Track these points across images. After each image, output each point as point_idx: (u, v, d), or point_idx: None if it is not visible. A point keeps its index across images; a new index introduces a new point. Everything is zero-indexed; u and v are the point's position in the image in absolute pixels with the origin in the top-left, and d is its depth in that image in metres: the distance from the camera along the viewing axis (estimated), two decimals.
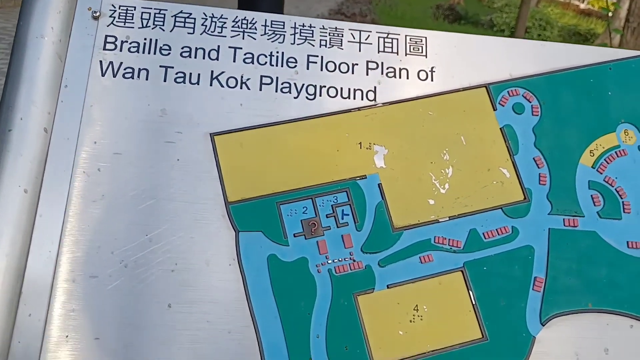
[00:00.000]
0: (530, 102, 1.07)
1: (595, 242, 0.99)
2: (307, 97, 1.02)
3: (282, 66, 1.03)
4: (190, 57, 1.00)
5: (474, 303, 0.93)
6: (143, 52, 1.00)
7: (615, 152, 1.05)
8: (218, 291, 0.89)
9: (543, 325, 0.94)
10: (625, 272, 0.98)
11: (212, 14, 1.02)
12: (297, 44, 1.04)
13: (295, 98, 1.02)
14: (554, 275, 0.96)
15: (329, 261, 0.92)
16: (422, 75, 1.07)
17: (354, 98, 1.03)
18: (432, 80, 1.07)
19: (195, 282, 0.89)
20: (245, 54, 1.02)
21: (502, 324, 0.93)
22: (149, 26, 1.01)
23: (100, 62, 0.98)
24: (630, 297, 0.97)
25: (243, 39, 1.03)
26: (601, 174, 1.04)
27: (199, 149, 0.96)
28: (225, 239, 0.92)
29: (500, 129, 1.04)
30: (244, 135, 0.98)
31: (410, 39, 1.08)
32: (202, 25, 1.02)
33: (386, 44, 1.07)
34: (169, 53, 1.00)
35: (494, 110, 1.05)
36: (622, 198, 1.03)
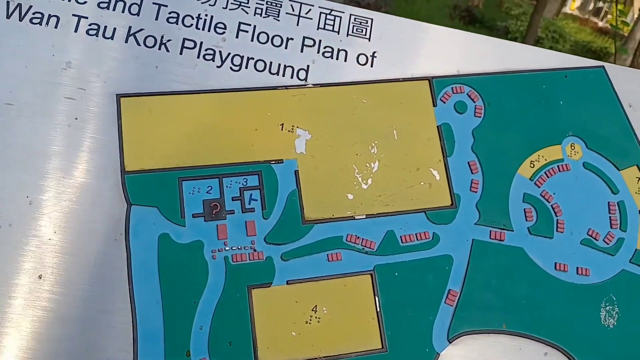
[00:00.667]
0: (475, 102, 1.00)
1: (521, 260, 0.93)
2: (231, 68, 0.95)
3: (208, 31, 0.95)
4: (108, 8, 0.93)
5: (378, 310, 0.87)
6: None
7: (558, 165, 0.99)
8: (98, 267, 0.82)
9: (450, 342, 0.88)
10: (549, 295, 0.93)
11: None
12: (230, 9, 0.96)
13: (218, 67, 0.94)
14: (470, 289, 0.90)
15: (227, 248, 0.85)
16: (362, 59, 0.99)
17: (283, 75, 0.96)
18: (372, 66, 0.99)
19: (72, 254, 0.82)
20: (169, 13, 0.94)
21: (405, 336, 0.87)
22: None
23: (8, 2, 0.90)
24: (550, 322, 0.92)
25: None
26: (539, 187, 0.97)
27: (101, 110, 0.88)
28: (114, 211, 0.84)
29: (438, 126, 0.98)
30: (155, 100, 0.90)
31: (354, 18, 1.00)
32: None
33: (327, 21, 0.99)
34: (85, 2, 0.92)
35: (434, 106, 0.98)
36: (557, 215, 0.96)
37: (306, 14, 0.98)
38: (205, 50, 0.94)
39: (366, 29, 1.00)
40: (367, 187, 0.92)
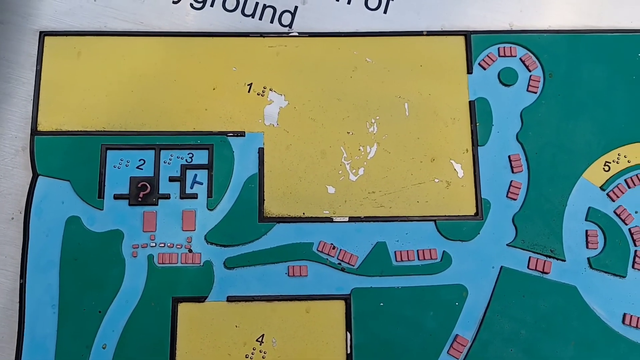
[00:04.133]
0: (530, 71, 0.76)
1: (572, 304, 0.69)
2: (192, 5, 0.77)
3: None
4: None
5: (349, 352, 0.67)
6: None
7: None
8: None
9: None
10: (609, 358, 0.68)
11: None
12: None
13: (174, 3, 0.77)
14: (487, 338, 0.68)
15: (153, 243, 0.69)
16: (373, 2, 0.78)
17: (260, 18, 0.77)
18: (385, 11, 0.78)
19: None
20: None
21: None
22: None
23: None
24: None
25: None
26: (613, 201, 0.72)
27: (18, 50, 0.74)
28: (16, 181, 0.71)
29: (470, 102, 0.75)
30: (86, 41, 0.75)
31: None
32: None
33: None
34: None
35: (469, 73, 0.76)
36: (636, 245, 0.71)
37: None
38: None
39: None
40: (356, 179, 0.72)
